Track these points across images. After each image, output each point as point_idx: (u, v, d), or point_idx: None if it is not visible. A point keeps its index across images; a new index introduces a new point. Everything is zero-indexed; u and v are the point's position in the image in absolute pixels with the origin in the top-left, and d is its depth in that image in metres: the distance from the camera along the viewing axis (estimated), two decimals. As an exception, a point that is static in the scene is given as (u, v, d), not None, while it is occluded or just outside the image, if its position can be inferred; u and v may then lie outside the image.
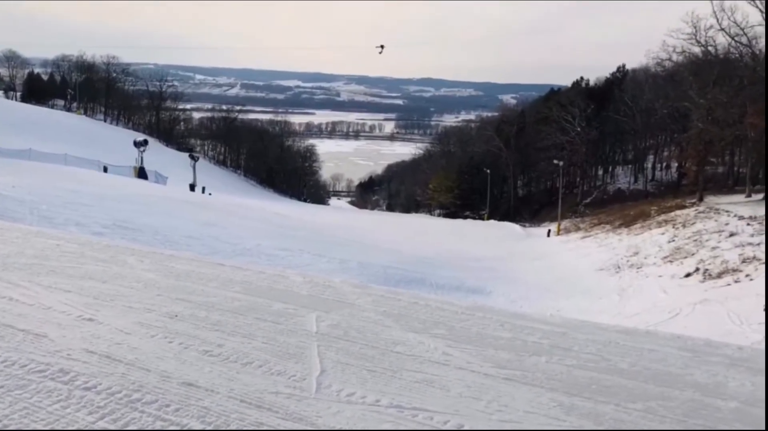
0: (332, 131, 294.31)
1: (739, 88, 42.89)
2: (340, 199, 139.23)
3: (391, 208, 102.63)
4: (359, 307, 3.14)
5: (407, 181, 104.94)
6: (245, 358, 2.37)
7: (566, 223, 52.11)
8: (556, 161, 57.39)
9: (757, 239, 26.25)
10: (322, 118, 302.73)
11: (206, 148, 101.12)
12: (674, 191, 53.07)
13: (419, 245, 32.46)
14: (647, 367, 2.44)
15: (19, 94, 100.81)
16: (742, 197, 40.81)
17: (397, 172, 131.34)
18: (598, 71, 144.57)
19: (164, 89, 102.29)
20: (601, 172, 71.16)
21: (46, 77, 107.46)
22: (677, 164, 59.69)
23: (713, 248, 27.31)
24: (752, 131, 41.32)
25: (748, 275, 22.89)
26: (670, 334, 2.98)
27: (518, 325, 2.93)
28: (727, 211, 33.91)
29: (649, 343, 2.74)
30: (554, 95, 79.04)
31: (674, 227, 33.95)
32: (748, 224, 29.27)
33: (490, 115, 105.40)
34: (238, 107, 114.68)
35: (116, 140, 68.32)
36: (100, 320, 2.73)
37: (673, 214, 38.11)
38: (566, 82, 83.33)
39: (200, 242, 15.63)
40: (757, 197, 39.37)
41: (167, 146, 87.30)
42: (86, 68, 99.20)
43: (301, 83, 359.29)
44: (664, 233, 33.43)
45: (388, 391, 2.14)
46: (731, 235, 28.33)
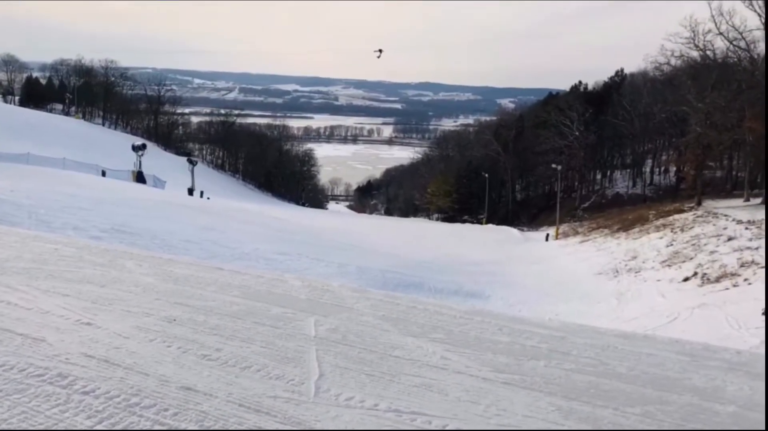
0: (330, 135, 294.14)
1: (737, 92, 42.95)
2: (338, 203, 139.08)
3: (389, 212, 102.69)
4: (358, 311, 3.14)
5: (406, 185, 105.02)
6: (244, 362, 2.37)
7: (564, 227, 52.10)
8: (554, 166, 57.39)
9: (755, 244, 26.26)
10: (320, 122, 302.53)
11: (204, 152, 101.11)
12: (672, 196, 53.11)
13: (417, 250, 32.45)
14: (645, 371, 2.44)
15: (17, 98, 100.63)
16: (740, 202, 40.83)
17: (395, 176, 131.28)
18: (596, 75, 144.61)
19: (163, 93, 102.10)
20: (599, 176, 71.22)
21: (44, 81, 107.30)
22: (675, 169, 59.72)
23: (711, 253, 27.31)
24: (750, 135, 41.37)
25: (746, 280, 22.89)
26: (668, 338, 2.99)
27: (516, 329, 2.93)
28: (725, 215, 33.93)
29: (647, 347, 2.74)
30: (552, 99, 79.13)
31: (672, 232, 33.95)
32: (746, 229, 29.28)
33: (488, 119, 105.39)
34: (236, 111, 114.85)
35: (114, 144, 68.28)
36: (98, 325, 2.73)
37: (671, 218, 38.10)
38: (564, 86, 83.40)
39: (198, 247, 15.62)
40: (755, 202, 39.43)
41: (165, 150, 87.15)
42: (84, 72, 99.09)
43: (299, 87, 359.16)
44: (662, 238, 33.43)
45: (386, 395, 2.14)
46: (729, 239, 28.34)
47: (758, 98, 38.34)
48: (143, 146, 48.34)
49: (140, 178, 43.25)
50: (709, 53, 46.66)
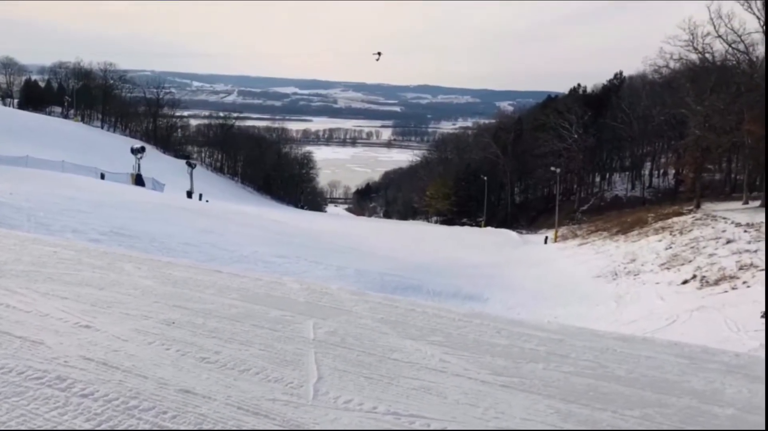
0: (329, 138, 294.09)
1: (736, 95, 43.01)
2: (337, 206, 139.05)
3: (388, 215, 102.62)
4: (356, 314, 3.14)
5: (404, 188, 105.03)
6: (242, 365, 2.37)
7: (563, 230, 52.11)
8: (553, 168, 57.45)
9: (754, 246, 26.30)
10: (319, 125, 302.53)
11: (203, 155, 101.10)
12: (671, 198, 53.14)
13: (416, 252, 32.47)
14: (644, 374, 2.44)
15: (16, 101, 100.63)
16: (739, 204, 40.85)
17: (394, 179, 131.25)
18: (595, 78, 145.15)
19: (161, 96, 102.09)
20: (598, 179, 71.25)
21: (43, 84, 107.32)
22: (674, 171, 59.80)
23: (710, 255, 27.34)
24: (749, 138, 41.43)
25: (745, 282, 22.91)
26: (667, 341, 2.99)
27: (515, 332, 2.93)
28: (724, 218, 33.97)
29: (646, 350, 2.75)
30: (551, 102, 79.16)
31: (671, 234, 33.99)
32: (745, 231, 29.32)
33: (487, 122, 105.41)
34: (235, 114, 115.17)
35: (113, 147, 68.25)
36: (97, 327, 2.73)
37: (670, 221, 38.14)
38: (563, 89, 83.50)
39: (197, 249, 15.61)
40: (754, 204, 39.45)
41: (164, 153, 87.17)
42: (83, 75, 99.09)
43: (298, 90, 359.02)
44: (661, 240, 33.46)
45: (385, 398, 2.14)
46: (728, 242, 28.38)
47: (757, 101, 38.41)
48: (142, 149, 48.39)
49: (139, 181, 43.27)
50: (708, 56, 46.70)
